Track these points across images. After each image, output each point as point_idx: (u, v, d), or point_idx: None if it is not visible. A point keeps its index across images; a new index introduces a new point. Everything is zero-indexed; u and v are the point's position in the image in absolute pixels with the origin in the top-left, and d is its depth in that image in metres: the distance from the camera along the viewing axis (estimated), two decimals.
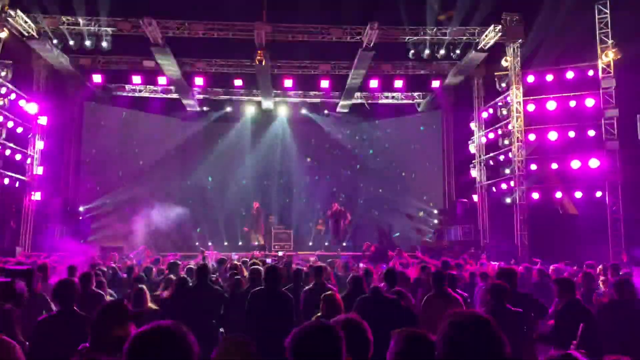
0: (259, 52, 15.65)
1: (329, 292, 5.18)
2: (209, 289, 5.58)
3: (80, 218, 17.44)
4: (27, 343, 3.64)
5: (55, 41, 15.23)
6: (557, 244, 14.75)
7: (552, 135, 15.72)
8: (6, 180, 15.38)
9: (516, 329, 4.60)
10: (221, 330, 5.54)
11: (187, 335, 1.58)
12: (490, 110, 17.77)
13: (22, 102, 16.17)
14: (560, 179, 15.83)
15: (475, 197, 18.62)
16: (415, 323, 4.91)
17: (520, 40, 15.75)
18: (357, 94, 20.01)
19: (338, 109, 21.17)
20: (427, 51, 16.02)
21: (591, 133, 15.29)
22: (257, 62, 16.03)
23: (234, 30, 15.76)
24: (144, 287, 5.75)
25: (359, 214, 21.75)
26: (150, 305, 5.60)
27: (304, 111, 21.62)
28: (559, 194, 15.70)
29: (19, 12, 14.40)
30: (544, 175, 16.08)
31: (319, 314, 4.70)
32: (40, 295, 4.91)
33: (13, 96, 15.75)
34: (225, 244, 19.59)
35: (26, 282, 1.60)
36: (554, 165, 15.74)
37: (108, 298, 5.85)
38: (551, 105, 15.79)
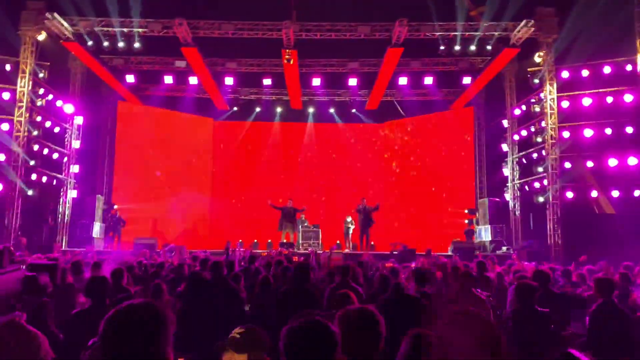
0: (287, 51, 15.72)
1: (345, 290, 5.19)
2: (224, 284, 5.58)
3: (115, 215, 17.87)
4: (61, 335, 3.77)
5: (90, 43, 15.62)
6: (593, 244, 14.32)
7: (588, 132, 15.27)
8: (44, 178, 15.90)
9: (543, 330, 4.51)
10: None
11: (161, 310, 1.62)
12: (523, 107, 17.40)
13: (59, 103, 16.70)
14: (596, 177, 15.38)
15: (507, 196, 18.27)
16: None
17: (554, 35, 15.36)
18: (386, 91, 19.87)
19: (366, 107, 21.09)
20: (457, 47, 15.77)
21: (629, 130, 14.77)
22: (286, 61, 16.12)
23: (263, 29, 15.86)
24: (161, 282, 5.86)
25: (384, 212, 21.66)
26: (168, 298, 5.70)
27: (332, 109, 21.65)
28: (594, 193, 15.26)
29: (55, 14, 14.85)
30: (579, 173, 15.65)
31: (334, 312, 4.72)
32: (69, 287, 5.07)
33: (50, 96, 16.29)
34: (255, 241, 19.75)
35: (50, 276, 1.66)
36: (590, 164, 15.28)
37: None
38: (586, 101, 15.34)
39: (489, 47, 15.86)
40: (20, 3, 15.14)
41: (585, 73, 15.44)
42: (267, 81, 18.70)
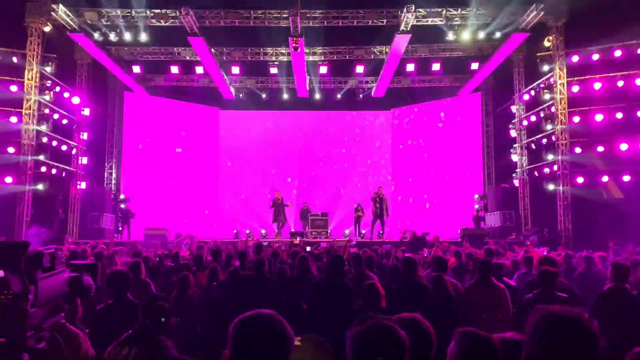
0: (294, 39, 15.61)
1: (371, 280, 5.19)
2: (264, 279, 5.63)
3: (123, 206, 17.96)
4: (87, 331, 3.80)
5: (96, 34, 15.56)
6: (603, 230, 14.26)
7: (598, 117, 15.17)
8: (53, 171, 15.96)
9: None
10: None
11: (285, 325, 1.69)
12: (532, 92, 17.26)
13: (66, 95, 16.70)
14: (607, 161, 15.28)
15: (516, 182, 18.21)
16: (452, 310, 4.87)
17: (563, 19, 15.18)
18: (393, 78, 19.75)
19: (373, 95, 20.98)
20: (466, 33, 15.61)
21: None
22: (292, 49, 16.01)
23: (269, 18, 15.75)
24: (188, 274, 5.87)
25: (392, 200, 21.70)
26: (194, 290, 5.72)
27: (338, 97, 21.54)
28: (605, 178, 15.18)
29: (61, 6, 14.76)
30: (589, 158, 15.56)
31: (361, 302, 4.73)
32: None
33: (58, 89, 16.28)
34: (263, 232, 19.80)
35: (91, 275, 1.67)
36: (600, 148, 15.19)
37: None
38: (597, 85, 15.21)
39: (497, 33, 15.68)
40: None
41: (595, 57, 15.30)
42: (273, 70, 18.61)
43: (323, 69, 18.33)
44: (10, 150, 14.88)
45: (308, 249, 10.21)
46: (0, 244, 1.40)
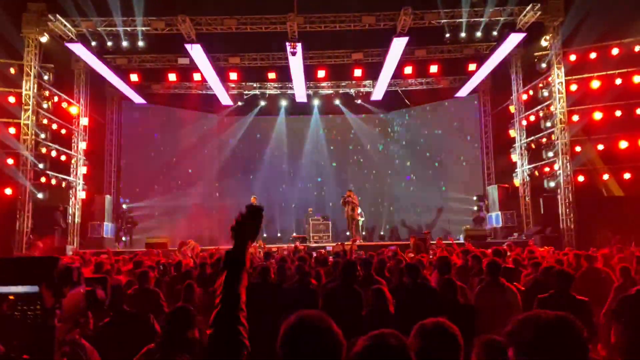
0: (291, 44, 15.61)
1: (377, 284, 5.17)
2: (271, 286, 5.61)
3: (124, 215, 17.89)
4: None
5: (93, 43, 15.53)
6: (604, 227, 14.25)
7: (597, 115, 15.19)
8: (53, 181, 15.90)
9: (583, 318, 4.46)
10: None
11: (332, 326, 1.63)
12: (531, 92, 17.31)
13: (64, 104, 16.68)
14: (607, 159, 15.31)
15: (516, 182, 18.21)
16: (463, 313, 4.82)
17: (560, 18, 15.22)
18: (391, 81, 19.75)
19: (371, 98, 20.98)
20: (463, 34, 15.64)
21: (639, 111, 14.69)
22: (290, 54, 16.00)
23: (266, 23, 15.75)
24: (192, 283, 5.81)
25: (392, 204, 21.68)
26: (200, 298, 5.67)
27: (337, 101, 21.54)
28: (605, 176, 15.20)
29: (58, 16, 14.76)
30: (589, 157, 15.58)
31: (369, 308, 4.73)
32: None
33: (56, 99, 16.26)
34: (265, 235, 19.75)
35: (102, 288, 1.67)
36: (600, 146, 15.21)
37: None
38: (595, 84, 15.25)
39: (494, 33, 15.72)
40: (20, 5, 15.02)
41: (593, 55, 15.34)
42: (271, 75, 18.62)
43: (321, 73, 18.34)
44: (10, 161, 14.83)
45: (314, 254, 10.15)
46: (34, 260, 1.39)
